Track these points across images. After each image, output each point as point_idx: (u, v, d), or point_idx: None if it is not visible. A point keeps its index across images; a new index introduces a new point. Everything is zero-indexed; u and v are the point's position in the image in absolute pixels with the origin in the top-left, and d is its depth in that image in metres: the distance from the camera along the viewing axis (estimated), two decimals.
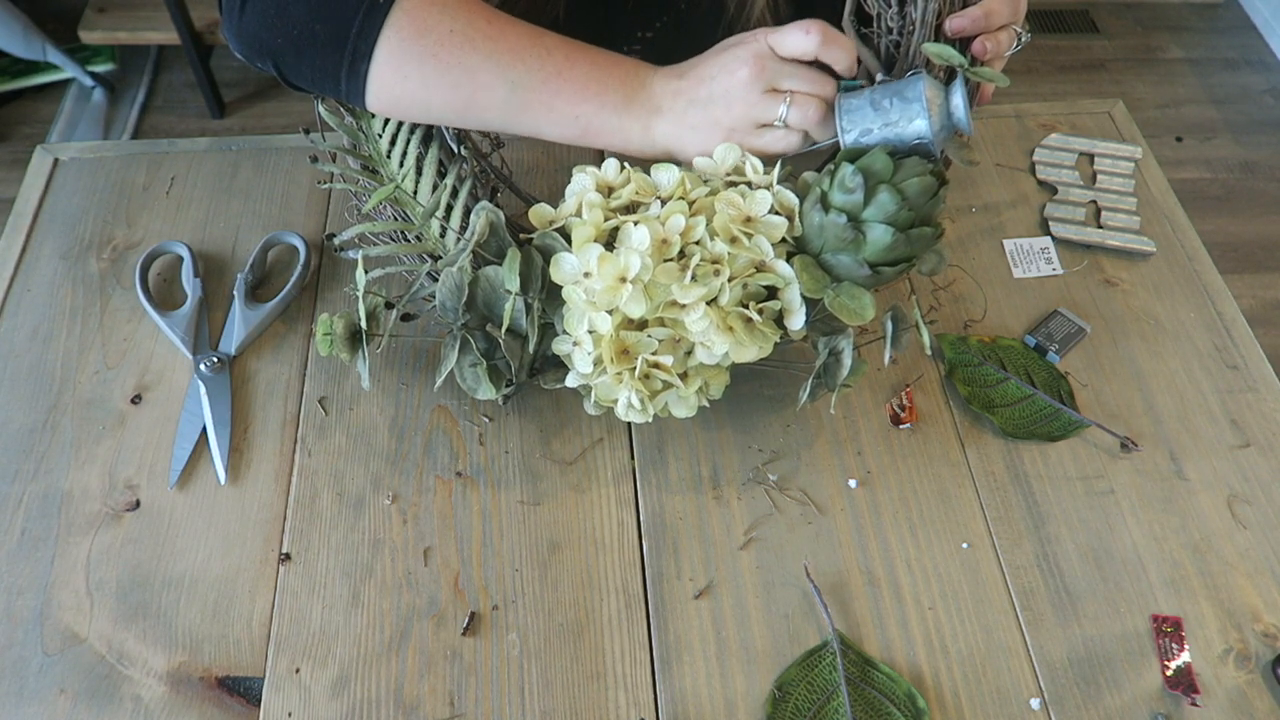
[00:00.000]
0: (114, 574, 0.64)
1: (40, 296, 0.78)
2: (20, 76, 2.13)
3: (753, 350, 0.61)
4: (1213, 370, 0.77)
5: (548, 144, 0.89)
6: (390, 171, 0.68)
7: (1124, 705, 0.61)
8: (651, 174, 0.64)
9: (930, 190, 0.60)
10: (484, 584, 0.64)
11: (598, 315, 0.60)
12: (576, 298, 0.60)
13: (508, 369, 0.65)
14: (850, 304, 0.61)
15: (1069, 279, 0.82)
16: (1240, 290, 1.91)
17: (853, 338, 0.64)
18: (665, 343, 0.62)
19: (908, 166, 0.60)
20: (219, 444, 0.69)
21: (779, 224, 0.61)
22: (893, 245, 0.59)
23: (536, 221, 0.65)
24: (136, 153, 0.88)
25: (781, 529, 0.67)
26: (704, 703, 0.60)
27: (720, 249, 0.60)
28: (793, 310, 0.62)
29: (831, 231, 0.60)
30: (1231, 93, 2.34)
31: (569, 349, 0.63)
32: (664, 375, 0.62)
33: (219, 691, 0.60)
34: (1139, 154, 0.92)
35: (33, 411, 0.71)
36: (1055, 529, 0.68)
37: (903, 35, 0.69)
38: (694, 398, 0.64)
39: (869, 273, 0.60)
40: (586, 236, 0.60)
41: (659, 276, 0.59)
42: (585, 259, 0.60)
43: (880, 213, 0.59)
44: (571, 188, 0.65)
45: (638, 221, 0.60)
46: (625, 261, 0.58)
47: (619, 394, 0.62)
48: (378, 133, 0.68)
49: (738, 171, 0.65)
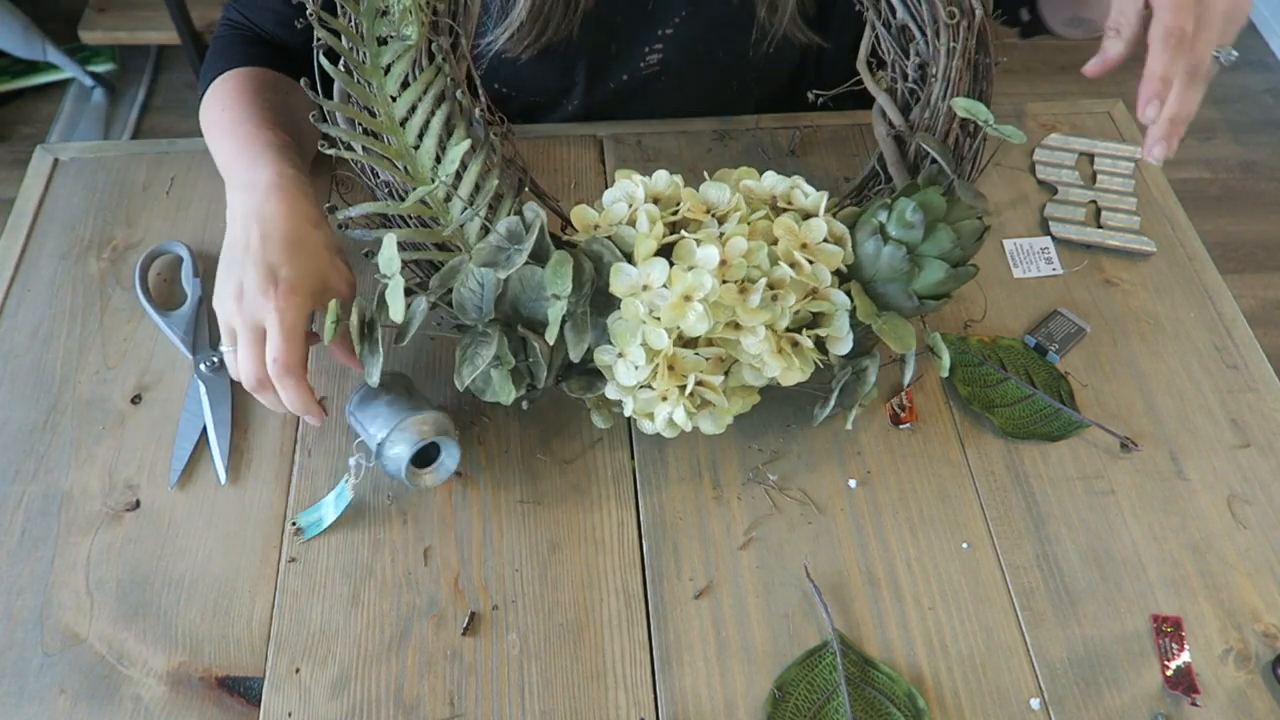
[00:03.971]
0: (114, 574, 0.64)
1: (40, 296, 0.77)
2: (20, 76, 2.13)
3: (797, 374, 0.62)
4: (1213, 370, 0.77)
5: (552, 151, 0.89)
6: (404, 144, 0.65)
7: (1124, 705, 0.61)
8: (701, 190, 0.65)
9: (977, 233, 0.64)
10: (484, 584, 0.64)
11: (654, 331, 0.59)
12: (635, 310, 0.60)
13: (529, 374, 0.64)
14: (895, 332, 0.63)
15: (1069, 279, 0.82)
16: (1240, 290, 1.91)
17: (879, 358, 0.65)
18: (711, 361, 0.62)
19: (959, 209, 0.63)
20: (219, 444, 0.69)
21: (836, 252, 0.63)
22: (944, 280, 0.63)
23: (579, 224, 0.64)
24: (136, 153, 0.88)
25: (781, 529, 0.67)
26: (704, 703, 0.60)
27: (782, 273, 0.61)
28: (840, 336, 0.63)
29: (888, 262, 0.62)
30: (1231, 93, 2.34)
31: (612, 360, 0.62)
32: (709, 394, 0.62)
33: (219, 691, 0.60)
34: (1139, 154, 0.92)
35: (33, 411, 0.71)
36: (1055, 529, 0.68)
37: (919, 84, 0.70)
38: (729, 416, 0.65)
39: (915, 304, 0.63)
40: (650, 250, 0.60)
41: (724, 298, 0.59)
42: (649, 273, 0.60)
43: (937, 248, 0.62)
44: (613, 193, 0.65)
45: (700, 240, 0.60)
46: (695, 281, 0.58)
47: (660, 409, 0.62)
48: (391, 95, 0.65)
49: (785, 198, 0.66)
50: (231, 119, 0.72)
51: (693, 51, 0.87)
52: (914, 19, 0.70)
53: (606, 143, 0.90)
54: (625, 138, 0.90)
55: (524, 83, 0.90)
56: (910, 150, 0.71)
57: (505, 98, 0.91)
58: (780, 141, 0.90)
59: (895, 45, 0.72)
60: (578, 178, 0.87)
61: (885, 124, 0.73)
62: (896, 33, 0.72)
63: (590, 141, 0.90)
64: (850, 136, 0.91)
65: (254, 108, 0.72)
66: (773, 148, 0.90)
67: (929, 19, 0.69)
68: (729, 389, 0.64)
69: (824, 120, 0.92)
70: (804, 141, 0.90)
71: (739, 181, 0.67)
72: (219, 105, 0.74)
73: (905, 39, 0.72)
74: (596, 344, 0.63)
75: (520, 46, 0.81)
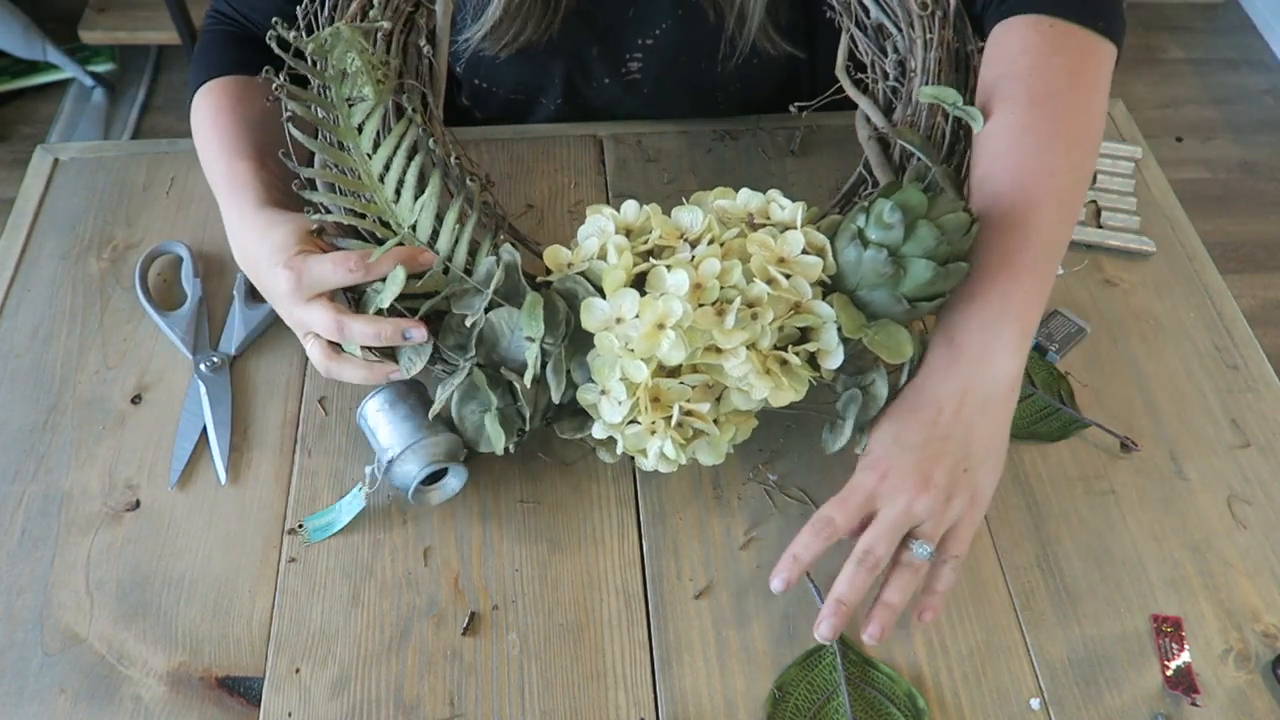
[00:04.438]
0: (114, 574, 0.64)
1: (40, 296, 0.78)
2: (20, 76, 2.13)
3: (789, 394, 0.59)
4: (1213, 370, 0.77)
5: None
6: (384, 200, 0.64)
7: (1124, 705, 0.61)
8: (674, 215, 0.63)
9: (964, 226, 0.60)
10: (484, 584, 0.64)
11: (632, 363, 0.58)
12: (610, 345, 0.58)
13: (519, 418, 0.63)
14: (888, 341, 0.60)
15: (1069, 279, 0.82)
16: (1240, 290, 1.91)
17: (884, 371, 0.62)
18: (699, 389, 0.60)
19: (942, 203, 0.60)
20: (219, 444, 0.69)
21: (814, 263, 0.60)
22: (932, 280, 0.59)
23: (552, 264, 0.63)
24: (136, 153, 0.88)
25: (781, 529, 0.67)
26: (704, 703, 0.60)
27: (759, 291, 0.58)
28: (829, 350, 0.60)
29: (870, 267, 0.59)
30: (1231, 93, 2.34)
31: (595, 398, 0.61)
32: (698, 423, 0.60)
33: (219, 691, 0.60)
34: (1139, 154, 0.92)
35: (33, 411, 0.71)
36: (1055, 529, 0.68)
37: (900, 82, 0.69)
38: (725, 444, 0.63)
39: (906, 308, 0.60)
40: (620, 281, 0.59)
41: (698, 322, 0.57)
42: (619, 305, 0.58)
43: (920, 247, 0.59)
44: (587, 229, 0.64)
45: (670, 265, 0.59)
46: (665, 307, 0.57)
47: (650, 444, 0.60)
48: (367, 152, 0.65)
49: (762, 213, 0.63)
50: (210, 147, 0.72)
51: (674, 63, 0.87)
52: (887, 15, 0.69)
53: (606, 143, 0.90)
54: (625, 138, 0.90)
55: (502, 79, 0.89)
56: (895, 151, 0.70)
57: (484, 93, 0.91)
58: (780, 141, 0.90)
59: (873, 46, 0.71)
60: (578, 178, 0.87)
61: (869, 127, 0.72)
62: (873, 33, 0.71)
63: (590, 141, 0.90)
64: (851, 137, 0.90)
65: (230, 131, 0.72)
66: (773, 148, 0.90)
67: (902, 13, 0.68)
68: (722, 416, 0.62)
69: (824, 120, 0.91)
70: (804, 142, 0.90)
71: (715, 202, 0.65)
72: (200, 126, 0.74)
73: (882, 38, 0.71)
74: (582, 383, 0.62)
75: (499, 45, 0.80)
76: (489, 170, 0.82)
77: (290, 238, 0.63)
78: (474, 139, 0.89)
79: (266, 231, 0.64)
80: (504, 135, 0.90)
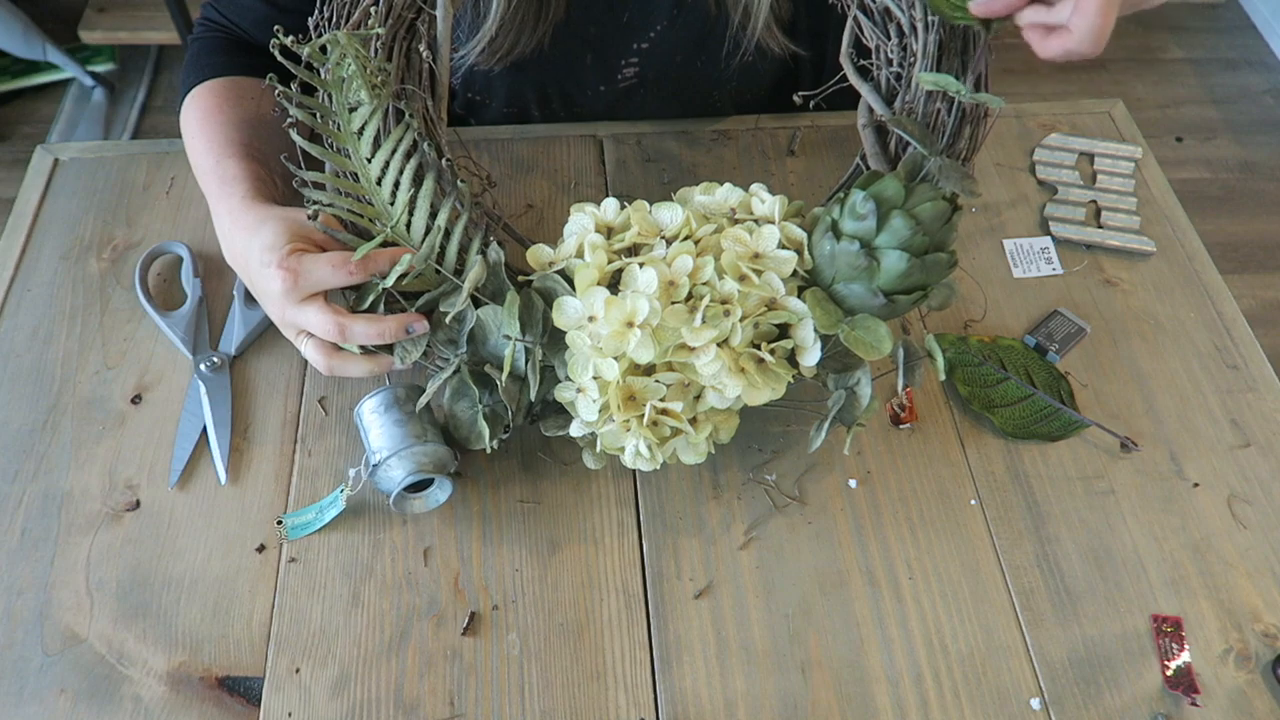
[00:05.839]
0: (114, 574, 0.64)
1: (40, 296, 0.78)
2: (20, 76, 2.13)
3: (766, 392, 0.58)
4: (1213, 370, 0.77)
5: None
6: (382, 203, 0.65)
7: (1124, 705, 0.61)
8: (654, 213, 0.63)
9: (944, 215, 0.59)
10: (484, 584, 0.64)
11: (603, 361, 0.58)
12: (581, 343, 0.58)
13: (505, 413, 0.63)
14: (866, 337, 0.59)
15: (1069, 279, 0.82)
16: (1240, 290, 1.91)
17: (870, 371, 0.62)
18: (674, 387, 0.59)
19: (920, 192, 0.59)
20: (219, 444, 0.69)
21: (788, 258, 0.59)
22: (908, 271, 0.58)
23: (534, 263, 0.63)
24: (136, 153, 0.88)
25: (781, 529, 0.67)
26: (704, 703, 0.60)
27: (730, 288, 0.58)
28: (806, 347, 0.59)
29: (844, 260, 0.58)
30: (1231, 93, 2.34)
31: (572, 396, 0.61)
32: (673, 422, 0.60)
33: (219, 691, 0.60)
34: (1139, 154, 0.92)
35: (33, 411, 0.71)
36: (1055, 529, 0.68)
37: (903, 68, 0.69)
38: (704, 444, 0.62)
39: (883, 302, 0.59)
40: (590, 280, 0.58)
41: (668, 320, 0.57)
42: (590, 303, 0.58)
43: (894, 238, 0.58)
44: (570, 228, 0.63)
45: (643, 263, 0.58)
46: (633, 306, 0.57)
47: (626, 442, 0.60)
48: (365, 156, 0.65)
49: (744, 208, 0.63)
50: (199, 147, 0.72)
51: (670, 64, 0.87)
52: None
53: (606, 143, 0.90)
54: (625, 138, 0.90)
55: (495, 92, 0.90)
56: (891, 140, 0.69)
57: (479, 105, 0.91)
58: (780, 141, 0.90)
59: (879, 30, 0.70)
60: (578, 177, 0.87)
61: (867, 114, 0.71)
62: (880, 17, 0.70)
63: (590, 141, 0.90)
64: (850, 136, 0.91)
65: (219, 131, 0.72)
66: (773, 148, 0.90)
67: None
68: (701, 415, 0.61)
69: (824, 120, 0.92)
70: (804, 141, 0.90)
71: (697, 197, 0.64)
72: (189, 128, 0.75)
73: (888, 21, 0.70)
74: (562, 380, 0.62)
75: (493, 58, 0.80)
76: (489, 171, 0.82)
77: (281, 235, 0.63)
78: (474, 139, 0.89)
79: (256, 228, 0.64)
80: (504, 135, 0.90)
